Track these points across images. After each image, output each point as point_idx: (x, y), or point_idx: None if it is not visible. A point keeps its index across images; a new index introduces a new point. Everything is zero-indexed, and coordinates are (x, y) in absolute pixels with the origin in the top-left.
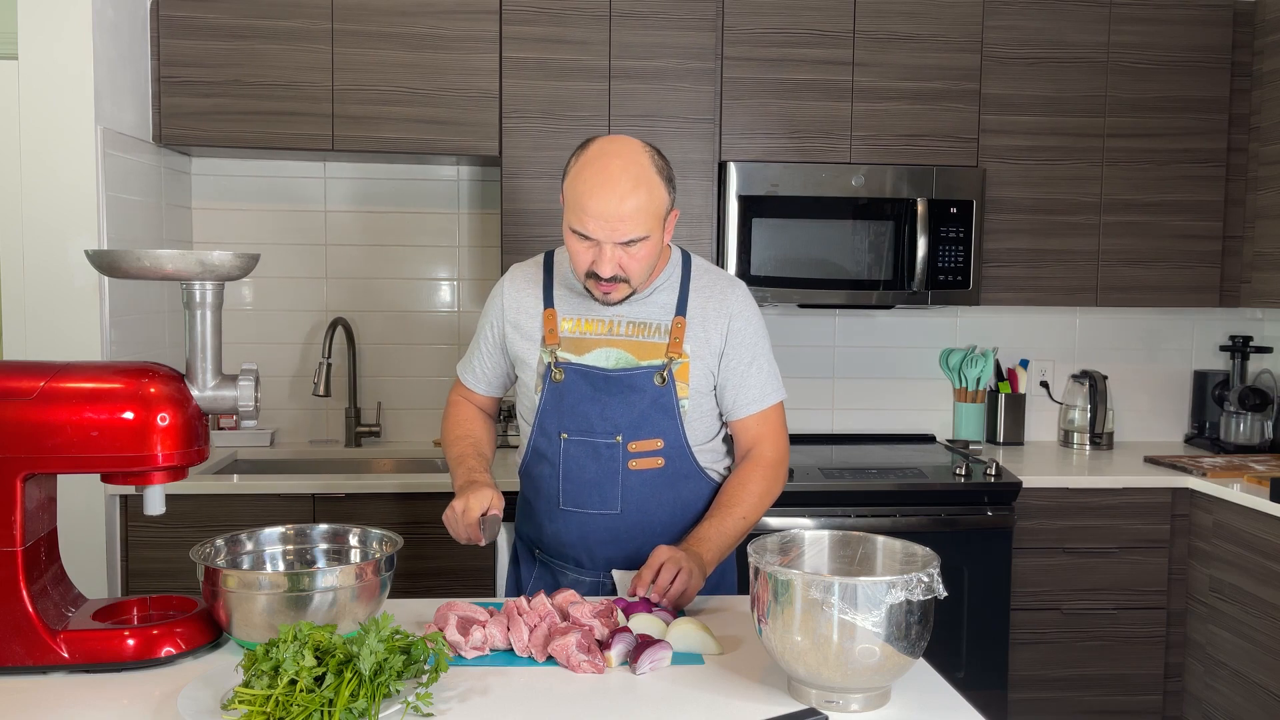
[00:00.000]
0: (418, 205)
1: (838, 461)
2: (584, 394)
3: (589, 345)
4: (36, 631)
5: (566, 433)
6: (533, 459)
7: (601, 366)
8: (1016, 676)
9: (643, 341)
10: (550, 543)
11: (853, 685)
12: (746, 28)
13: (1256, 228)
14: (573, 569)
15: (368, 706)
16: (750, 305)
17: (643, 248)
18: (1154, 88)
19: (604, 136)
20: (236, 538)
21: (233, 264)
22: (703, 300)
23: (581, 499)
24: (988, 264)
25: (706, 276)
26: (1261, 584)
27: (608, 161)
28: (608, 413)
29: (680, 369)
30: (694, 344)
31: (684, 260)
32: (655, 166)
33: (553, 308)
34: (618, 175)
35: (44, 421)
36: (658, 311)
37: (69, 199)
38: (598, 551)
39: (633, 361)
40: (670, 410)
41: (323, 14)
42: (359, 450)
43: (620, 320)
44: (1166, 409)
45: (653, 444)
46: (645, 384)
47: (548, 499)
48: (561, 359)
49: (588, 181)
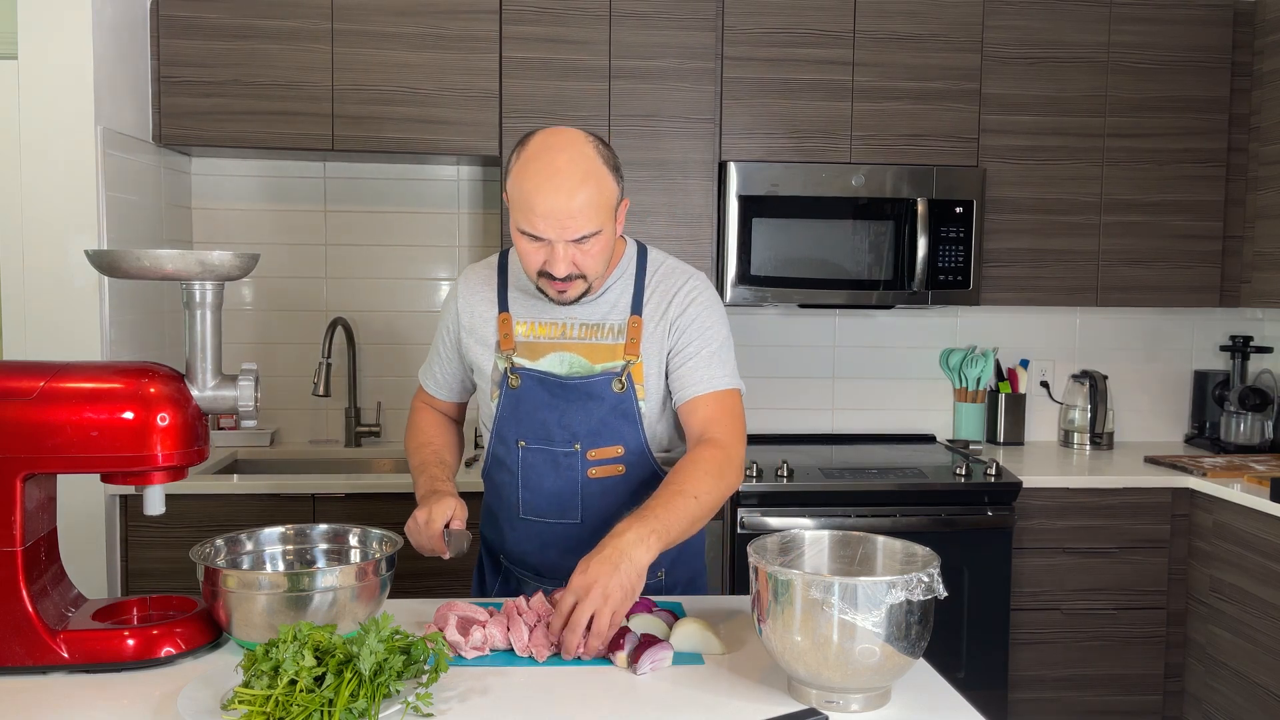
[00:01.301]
0: (418, 205)
1: (838, 461)
2: (541, 401)
3: (543, 350)
4: (36, 631)
5: (525, 441)
6: (493, 466)
7: (556, 373)
8: (1016, 676)
9: (596, 344)
10: (512, 551)
11: (853, 685)
12: (746, 28)
13: (1256, 228)
14: (533, 578)
15: (368, 707)
16: (705, 293)
17: (596, 243)
18: (1154, 88)
19: (545, 129)
20: (236, 538)
21: (233, 264)
22: (660, 296)
23: (541, 508)
24: (988, 264)
25: (662, 269)
26: (1261, 584)
27: (552, 156)
28: (565, 420)
29: (636, 369)
30: (648, 342)
31: (639, 253)
32: (602, 157)
33: (507, 311)
34: (564, 170)
35: (44, 421)
36: (610, 311)
37: (69, 199)
38: (558, 562)
39: (586, 365)
40: (631, 416)
41: (323, 14)
42: (359, 450)
43: (573, 322)
44: (1166, 409)
45: (613, 451)
46: (604, 391)
47: (508, 507)
48: (518, 365)
49: (533, 178)
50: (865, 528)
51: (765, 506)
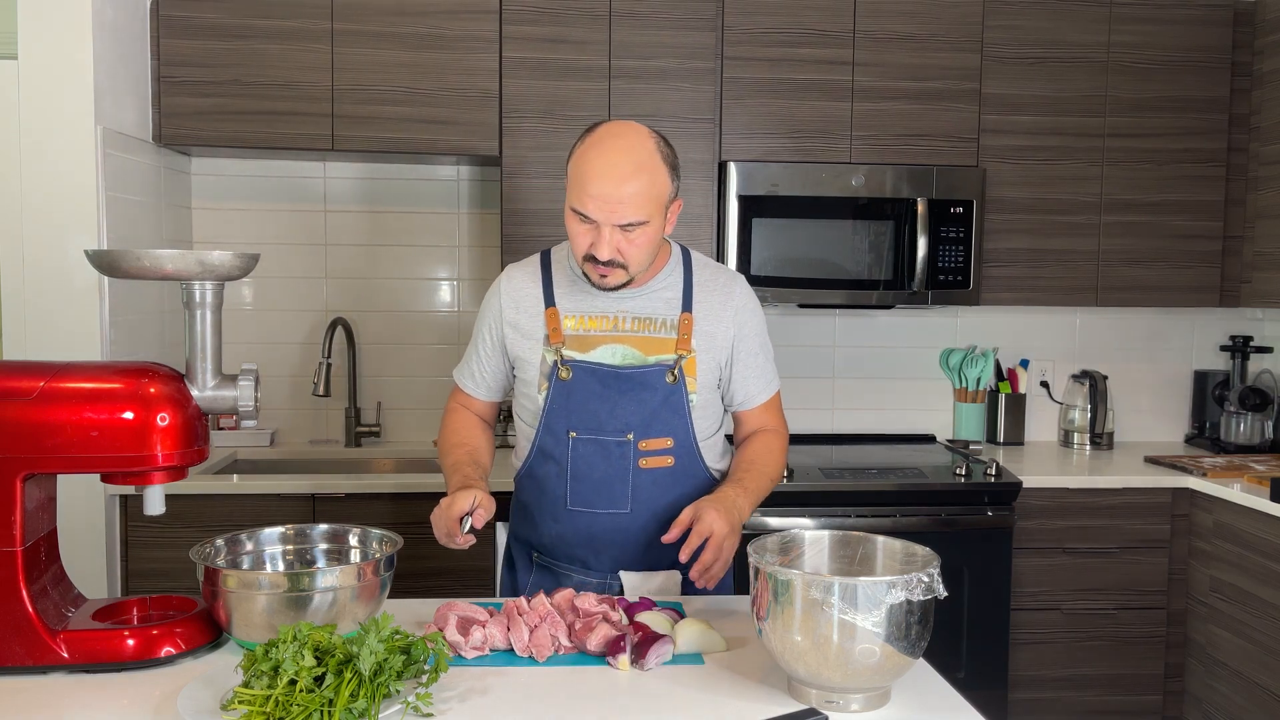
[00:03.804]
0: (418, 205)
1: (838, 461)
2: (593, 391)
3: (594, 342)
4: (36, 631)
5: (575, 431)
6: (537, 460)
7: (610, 363)
8: (1016, 676)
9: (649, 337)
10: (554, 544)
11: (853, 685)
12: (746, 27)
13: (1256, 228)
14: (578, 570)
15: (368, 707)
16: (753, 298)
17: (641, 234)
18: (1154, 88)
19: (613, 120)
20: (236, 538)
21: (233, 264)
22: (707, 295)
23: (590, 499)
24: (988, 264)
25: (708, 271)
26: (1261, 584)
27: (612, 143)
28: (618, 410)
29: (688, 364)
30: (701, 339)
31: (684, 256)
32: (660, 153)
33: (554, 306)
34: (620, 158)
35: (44, 421)
36: (662, 307)
37: (69, 199)
38: (605, 552)
39: (640, 357)
40: (680, 408)
41: (322, 14)
42: (359, 450)
43: (625, 316)
44: (1167, 409)
45: (663, 443)
46: (657, 381)
47: (553, 500)
48: (568, 357)
49: (591, 163)
50: (865, 528)
51: (765, 506)
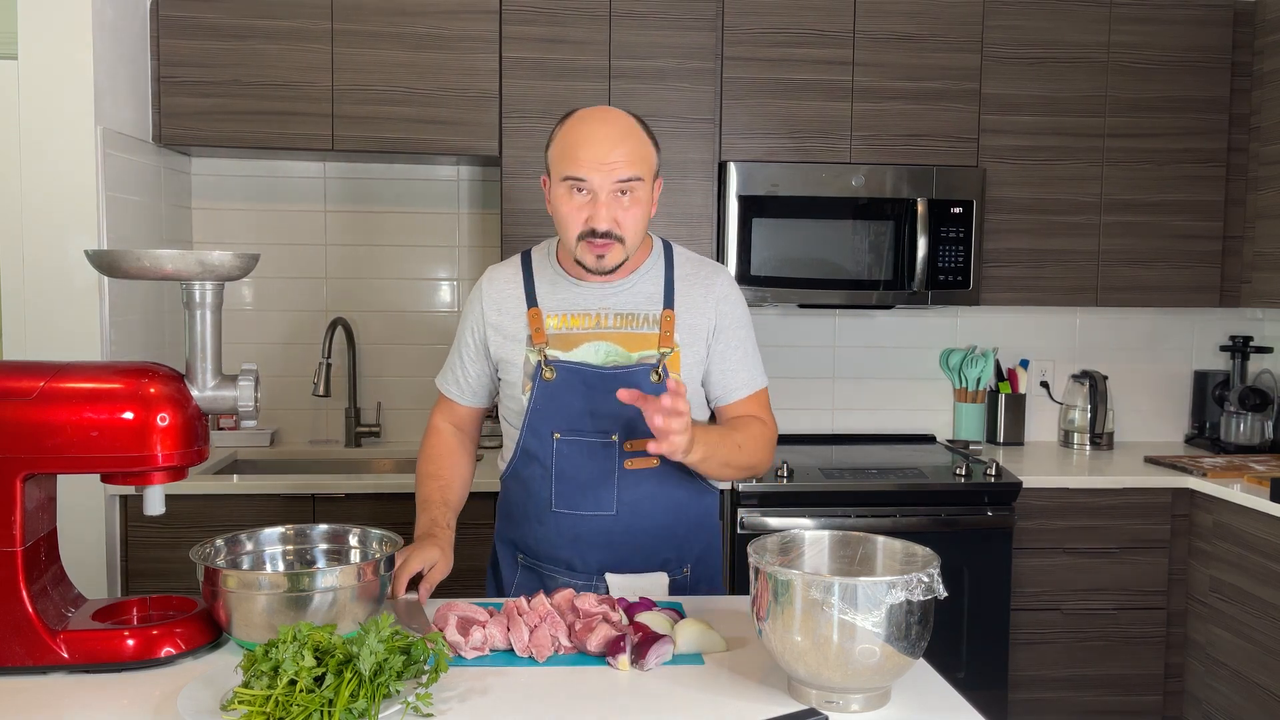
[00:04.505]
0: (417, 205)
1: (838, 461)
2: (577, 392)
3: (576, 340)
4: (36, 631)
5: (559, 432)
6: (522, 461)
7: (592, 363)
8: (1016, 676)
9: (632, 333)
10: (539, 546)
11: (853, 685)
12: (746, 28)
13: (1256, 228)
14: (563, 572)
15: (368, 707)
16: (735, 291)
17: (634, 201)
18: (1154, 88)
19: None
20: (236, 538)
21: (233, 264)
22: (689, 287)
23: (575, 500)
24: (988, 264)
25: (689, 264)
26: (1261, 584)
27: (597, 114)
28: (602, 410)
29: (671, 359)
30: (683, 332)
31: (665, 249)
32: (644, 128)
33: (537, 306)
34: (608, 127)
35: (44, 421)
36: (643, 302)
37: (69, 199)
38: (590, 555)
39: (623, 354)
40: None
41: (322, 14)
42: (359, 450)
43: (607, 313)
44: (1167, 409)
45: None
46: (642, 381)
47: (538, 501)
48: (551, 357)
49: (579, 132)
50: (865, 528)
51: (765, 506)
